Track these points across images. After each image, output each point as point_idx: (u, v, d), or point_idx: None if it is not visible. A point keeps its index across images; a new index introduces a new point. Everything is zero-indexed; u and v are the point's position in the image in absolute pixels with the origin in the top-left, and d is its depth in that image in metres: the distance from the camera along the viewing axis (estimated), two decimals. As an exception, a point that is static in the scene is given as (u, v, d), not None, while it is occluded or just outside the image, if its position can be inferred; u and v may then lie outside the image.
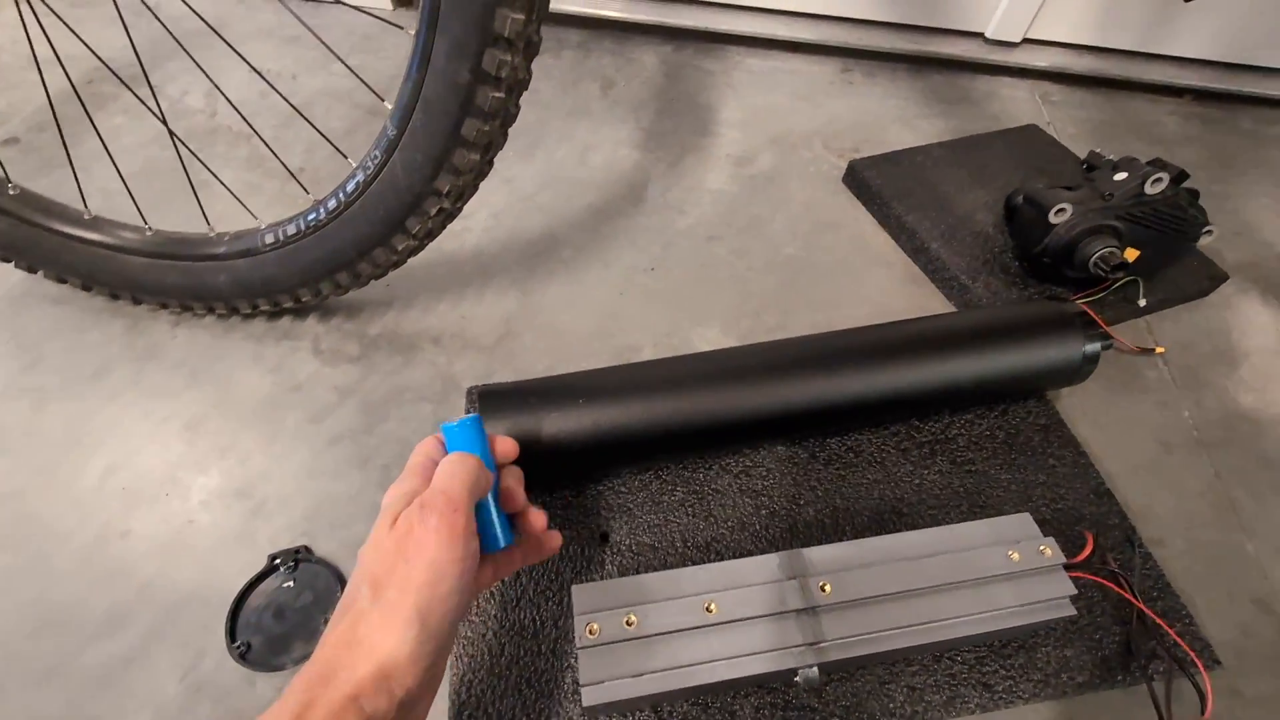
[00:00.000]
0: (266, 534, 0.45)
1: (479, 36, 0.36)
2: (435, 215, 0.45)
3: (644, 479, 0.46)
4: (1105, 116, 0.85)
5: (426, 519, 0.28)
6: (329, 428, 0.51)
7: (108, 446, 0.49)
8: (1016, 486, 0.47)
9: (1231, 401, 0.56)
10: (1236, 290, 0.65)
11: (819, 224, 0.69)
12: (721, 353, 0.47)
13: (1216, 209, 0.73)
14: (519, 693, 0.37)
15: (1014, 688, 0.38)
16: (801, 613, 0.33)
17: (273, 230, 0.50)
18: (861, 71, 0.90)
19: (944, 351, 0.46)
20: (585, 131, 0.78)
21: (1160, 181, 0.52)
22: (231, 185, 0.68)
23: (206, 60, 0.55)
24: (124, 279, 0.54)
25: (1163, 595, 0.42)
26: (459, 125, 0.40)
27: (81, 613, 0.42)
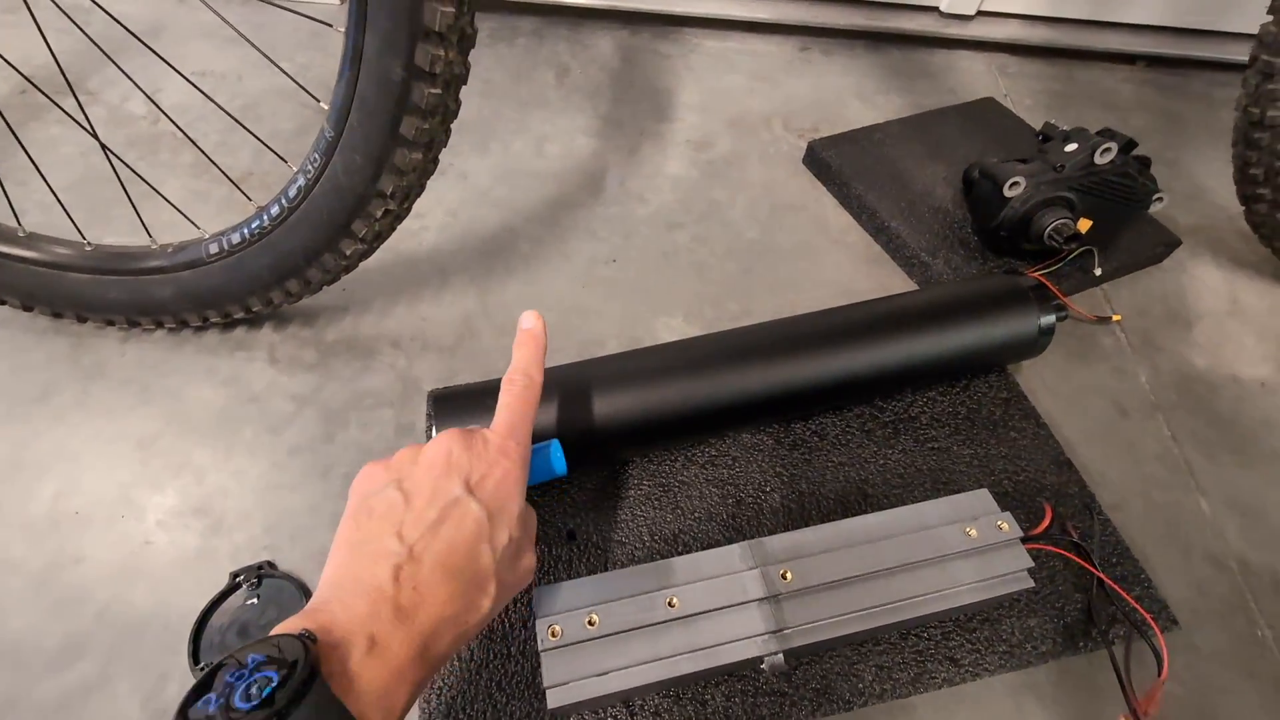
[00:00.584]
0: (227, 551, 0.44)
1: (409, 31, 0.34)
2: (382, 217, 0.44)
3: (609, 474, 0.46)
4: (1060, 86, 0.86)
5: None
6: (288, 438, 0.50)
7: (56, 470, 0.48)
8: (978, 461, 0.47)
9: (1185, 364, 0.57)
10: (1190, 254, 0.66)
11: (780, 206, 0.68)
12: (682, 343, 0.47)
13: (1169, 174, 0.74)
14: (490, 696, 0.36)
15: (980, 660, 0.38)
16: (763, 601, 0.33)
17: (216, 240, 0.48)
18: (820, 49, 0.89)
19: (903, 331, 0.46)
20: (541, 121, 0.76)
21: (1109, 151, 0.53)
22: (178, 192, 0.66)
23: (149, 63, 0.52)
24: (65, 297, 0.52)
25: (1122, 560, 0.43)
26: (397, 124, 0.38)
27: (36, 643, 0.41)
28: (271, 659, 0.22)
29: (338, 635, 0.24)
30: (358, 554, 0.27)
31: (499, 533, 0.28)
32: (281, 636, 0.23)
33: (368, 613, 0.25)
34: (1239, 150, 0.53)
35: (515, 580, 0.30)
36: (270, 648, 0.22)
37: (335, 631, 0.24)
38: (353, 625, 0.25)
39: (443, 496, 0.28)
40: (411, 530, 0.27)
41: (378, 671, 0.24)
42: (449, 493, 0.28)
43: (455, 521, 0.28)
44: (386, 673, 0.24)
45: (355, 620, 0.25)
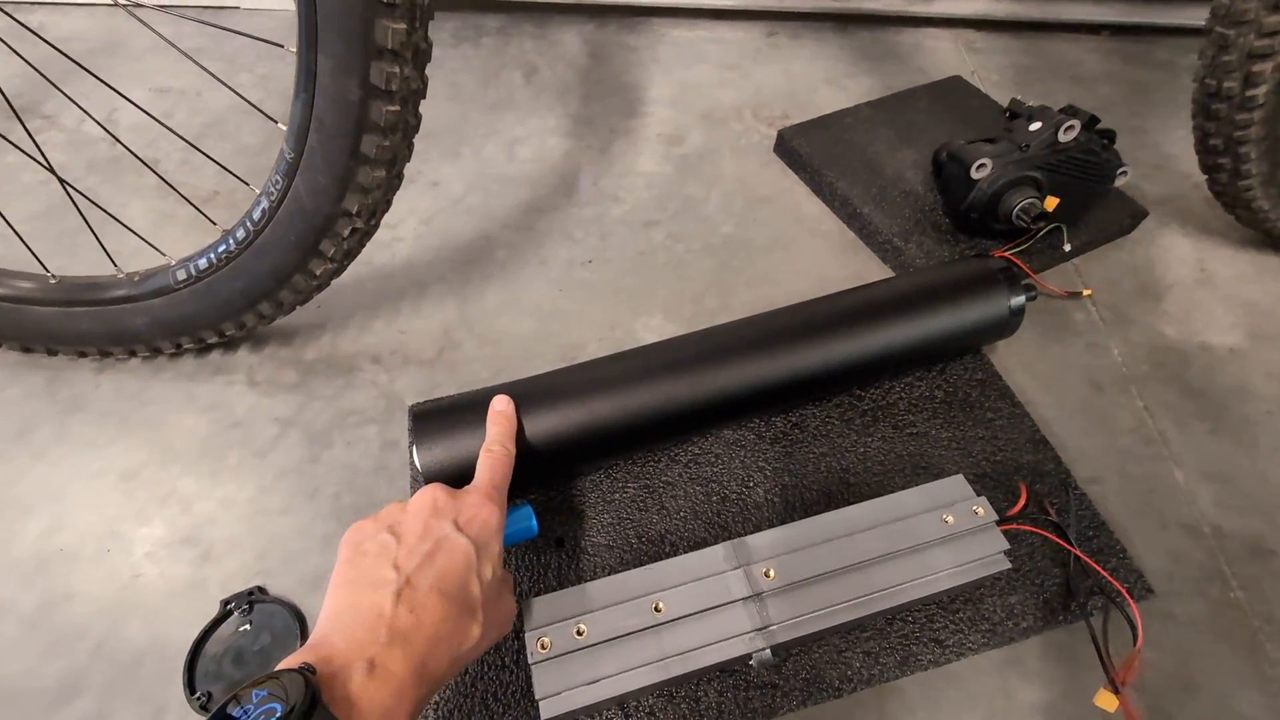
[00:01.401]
0: (218, 579, 0.45)
1: (362, 51, 0.34)
2: (350, 235, 0.44)
3: (594, 478, 0.46)
4: (1027, 60, 0.86)
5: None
6: (273, 461, 0.50)
7: (40, 508, 0.48)
8: (957, 444, 0.48)
9: (1156, 335, 0.58)
10: (1158, 224, 0.66)
11: (753, 199, 0.68)
12: (659, 345, 0.47)
13: (1135, 144, 0.75)
14: (486, 708, 0.37)
15: (964, 640, 0.39)
16: (748, 600, 0.34)
17: (184, 266, 0.48)
18: (787, 34, 0.89)
19: (877, 321, 0.47)
20: (511, 124, 0.76)
21: (1072, 129, 0.53)
22: (144, 214, 0.65)
23: (106, 81, 0.51)
24: (34, 331, 0.51)
25: (1098, 533, 0.44)
26: (357, 143, 0.38)
27: (32, 684, 0.41)
28: (274, 694, 0.23)
29: (338, 663, 0.25)
30: (355, 587, 0.28)
31: (485, 566, 0.30)
32: (283, 671, 0.24)
33: (367, 638, 0.26)
34: (1199, 122, 0.54)
35: (499, 618, 0.32)
36: (273, 683, 0.23)
37: (336, 660, 0.25)
38: (352, 651, 0.26)
39: (434, 532, 0.30)
40: (406, 561, 0.29)
41: (378, 693, 0.25)
42: (439, 529, 0.30)
43: (447, 552, 0.29)
44: (386, 693, 0.25)
45: (355, 646, 0.26)
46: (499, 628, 0.32)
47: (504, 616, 0.32)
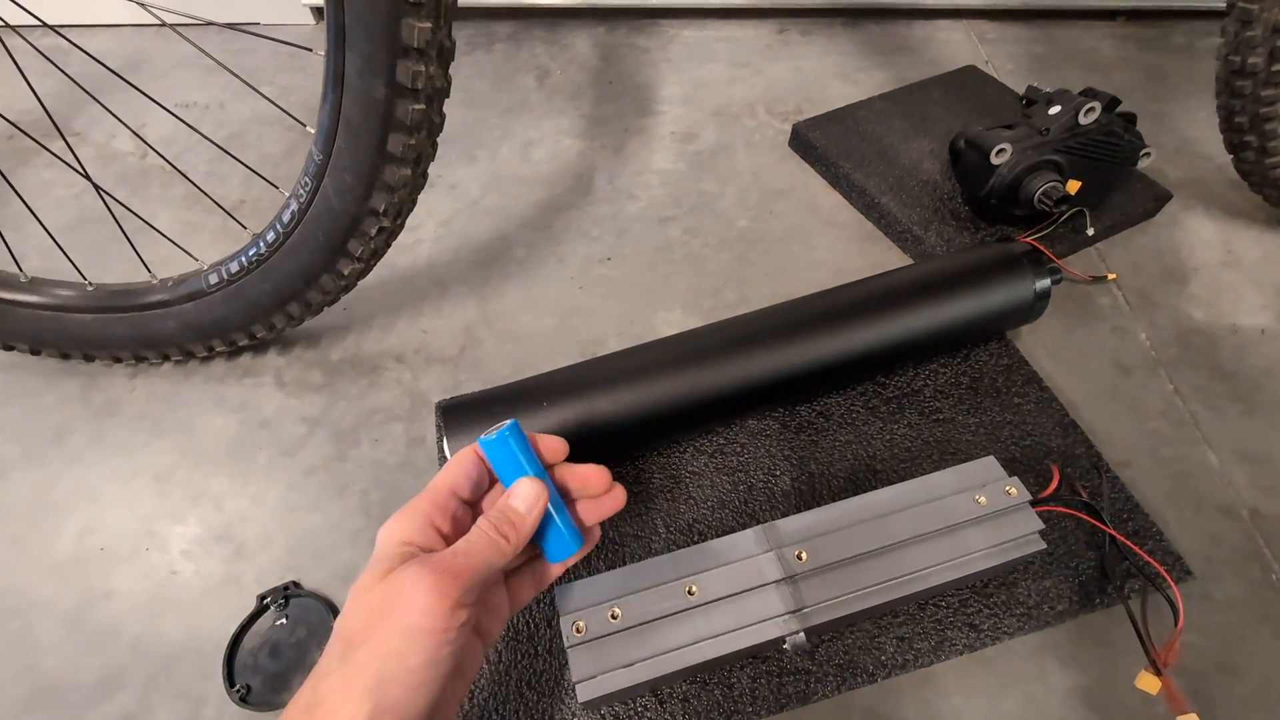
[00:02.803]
0: (252, 574, 0.45)
1: (388, 50, 0.35)
2: (376, 235, 0.45)
3: (621, 470, 0.46)
4: (1041, 48, 0.86)
5: (420, 579, 0.25)
6: (302, 460, 0.51)
7: (79, 509, 0.49)
8: (984, 429, 0.48)
9: (1184, 318, 0.57)
10: (1181, 207, 0.66)
11: (769, 192, 0.69)
12: (682, 336, 0.47)
13: (1156, 128, 0.74)
14: (521, 695, 0.37)
15: (999, 624, 0.39)
16: (780, 583, 0.34)
17: (215, 270, 0.49)
18: (798, 30, 0.89)
19: (900, 307, 0.47)
20: (525, 126, 0.76)
21: (1093, 111, 0.53)
22: (172, 224, 0.67)
23: (130, 98, 0.53)
24: (71, 338, 0.52)
25: (1133, 516, 0.43)
26: (384, 142, 0.39)
27: (75, 680, 0.42)
28: None
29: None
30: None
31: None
32: None
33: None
34: (1223, 100, 0.53)
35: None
36: None
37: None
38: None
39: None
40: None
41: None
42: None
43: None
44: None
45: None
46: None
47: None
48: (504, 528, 0.28)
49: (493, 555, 0.28)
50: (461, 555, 0.27)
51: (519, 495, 0.29)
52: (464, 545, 0.28)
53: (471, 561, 0.27)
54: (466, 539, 0.28)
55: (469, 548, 0.27)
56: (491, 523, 0.28)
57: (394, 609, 0.25)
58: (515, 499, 0.29)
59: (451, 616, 0.25)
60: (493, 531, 0.28)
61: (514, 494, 0.29)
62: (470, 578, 0.26)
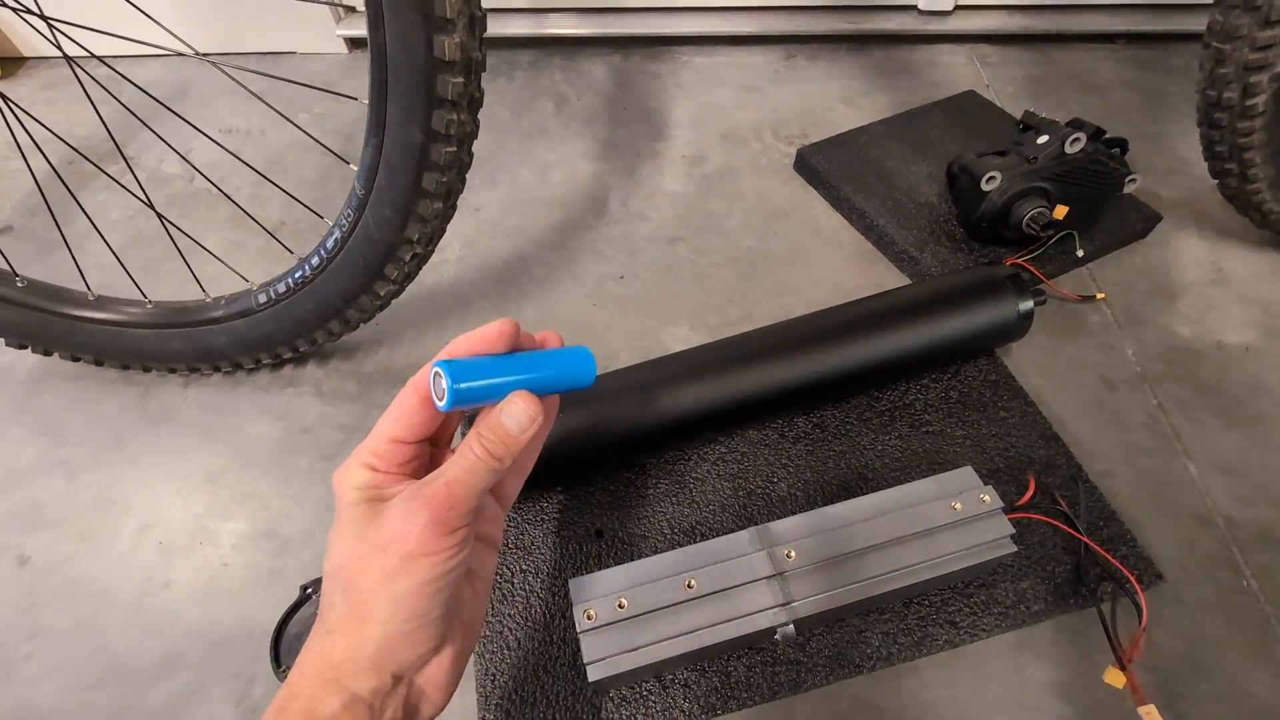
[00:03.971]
0: (295, 567, 0.50)
1: (425, 101, 0.39)
2: (410, 260, 0.49)
3: (630, 475, 0.50)
4: (1042, 72, 0.89)
5: (415, 515, 0.25)
6: (339, 464, 0.55)
7: (138, 507, 0.54)
8: (970, 441, 0.51)
9: (1171, 335, 0.60)
10: (1173, 227, 0.68)
11: (773, 213, 0.72)
12: (689, 352, 0.51)
13: (1151, 149, 0.76)
14: (537, 678, 0.41)
15: (977, 622, 0.42)
16: (771, 578, 0.37)
17: (265, 290, 0.54)
18: (804, 56, 0.93)
19: (892, 326, 0.50)
20: (543, 150, 0.81)
21: (1078, 141, 0.56)
22: (218, 245, 0.73)
23: (179, 125, 0.58)
24: (132, 351, 0.58)
25: (1109, 523, 0.46)
26: (419, 180, 0.43)
27: (138, 660, 0.46)
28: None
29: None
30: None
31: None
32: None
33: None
34: (1203, 130, 0.56)
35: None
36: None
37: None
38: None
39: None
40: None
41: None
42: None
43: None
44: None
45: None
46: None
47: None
48: (496, 449, 0.26)
49: (484, 476, 0.26)
50: (452, 483, 0.26)
51: (511, 415, 0.27)
52: (453, 471, 0.26)
53: (463, 488, 0.26)
54: (456, 463, 0.26)
55: (459, 473, 0.26)
56: (482, 444, 0.26)
57: (390, 542, 0.25)
58: (507, 418, 0.27)
59: (451, 537, 0.25)
60: (483, 453, 0.26)
61: (505, 411, 0.27)
62: (464, 503, 0.26)
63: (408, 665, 0.26)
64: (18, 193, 0.80)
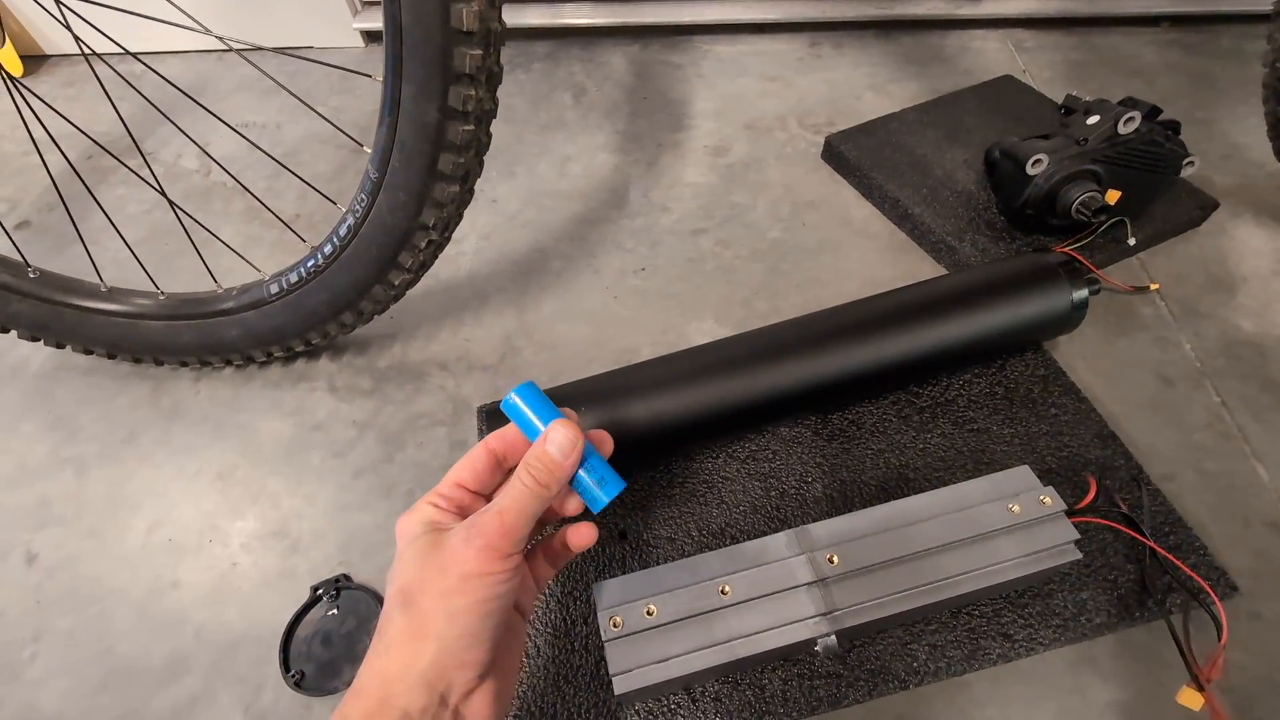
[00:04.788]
0: (306, 568, 0.48)
1: (441, 76, 0.37)
2: (425, 248, 0.47)
3: (654, 474, 0.48)
4: (1081, 56, 0.85)
5: (472, 540, 0.28)
6: (352, 461, 0.53)
7: (148, 504, 0.52)
8: (1019, 440, 0.47)
9: (1232, 329, 0.56)
10: (1229, 215, 0.64)
11: (801, 204, 0.69)
12: (716, 344, 0.49)
13: (1202, 135, 0.72)
14: (558, 689, 0.38)
15: (1034, 635, 0.39)
16: (812, 585, 0.35)
17: (276, 280, 0.52)
18: (830, 44, 0.90)
19: (933, 316, 0.47)
20: (562, 142, 0.79)
21: (1132, 120, 0.52)
22: (232, 238, 0.71)
23: (195, 120, 0.57)
24: (144, 343, 0.56)
25: (1175, 529, 0.43)
26: (435, 161, 0.41)
27: (145, 662, 0.45)
28: None
29: None
30: None
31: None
32: None
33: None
34: (1270, 107, 0.52)
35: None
36: None
37: None
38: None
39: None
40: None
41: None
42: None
43: None
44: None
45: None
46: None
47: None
48: (542, 476, 0.29)
49: (533, 504, 0.29)
50: (504, 511, 0.28)
51: (554, 442, 0.30)
52: (504, 501, 0.29)
53: (513, 515, 0.28)
54: (506, 493, 0.29)
55: (509, 502, 0.29)
56: (530, 473, 0.29)
57: (449, 564, 0.27)
58: (551, 445, 0.30)
59: (504, 561, 0.28)
60: (530, 481, 0.29)
61: (549, 440, 0.30)
62: (516, 530, 0.28)
63: (456, 687, 0.27)
64: (36, 188, 0.80)
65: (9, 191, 0.79)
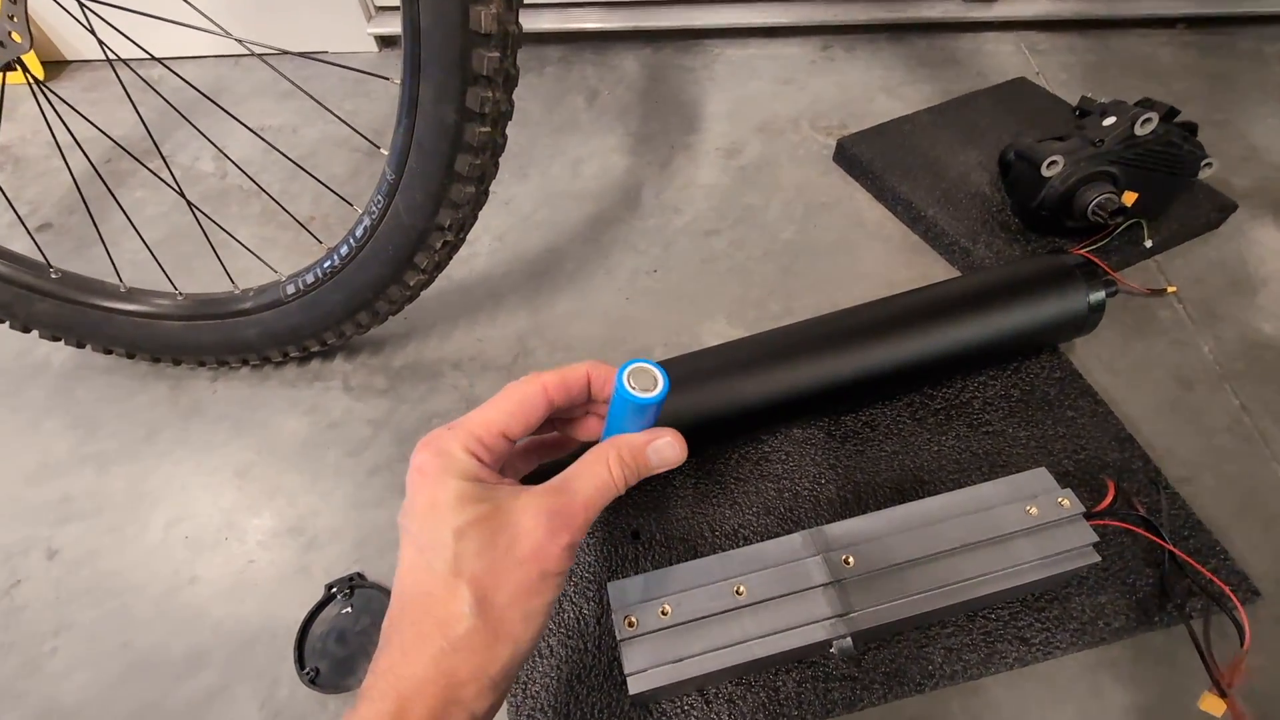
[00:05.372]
0: (321, 565, 0.48)
1: (460, 78, 0.38)
2: (441, 249, 0.48)
3: (668, 474, 0.47)
4: (1096, 58, 0.84)
5: (558, 535, 0.25)
6: (367, 460, 0.54)
7: (167, 501, 0.53)
8: (1036, 442, 0.47)
9: (1252, 331, 0.55)
10: (1248, 217, 0.63)
11: (813, 205, 0.69)
12: (728, 345, 0.49)
13: (1220, 136, 0.72)
14: (570, 688, 0.39)
15: (1050, 639, 0.39)
16: (828, 586, 0.34)
17: (293, 281, 0.53)
18: (842, 47, 0.90)
19: (948, 318, 0.47)
20: (575, 144, 0.79)
21: (1150, 122, 0.52)
22: (248, 240, 0.72)
23: (212, 124, 0.57)
24: (163, 343, 0.57)
25: (1194, 533, 0.42)
26: (452, 162, 0.42)
27: (164, 656, 0.45)
28: None
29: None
30: None
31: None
32: None
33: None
34: (1291, 107, 0.52)
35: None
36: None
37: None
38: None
39: None
40: None
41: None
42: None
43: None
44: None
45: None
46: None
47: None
48: (631, 475, 0.27)
49: (608, 498, 0.26)
50: (589, 505, 0.26)
51: (659, 451, 0.27)
52: (589, 489, 0.26)
53: (595, 510, 0.26)
54: (589, 478, 0.26)
55: (594, 493, 0.26)
56: (623, 469, 0.26)
57: (529, 557, 0.25)
58: (654, 454, 0.27)
59: (566, 558, 0.25)
60: (620, 475, 0.26)
61: (655, 447, 0.27)
62: (585, 519, 0.26)
63: (508, 690, 0.26)
64: (57, 191, 0.81)
65: (32, 194, 0.81)
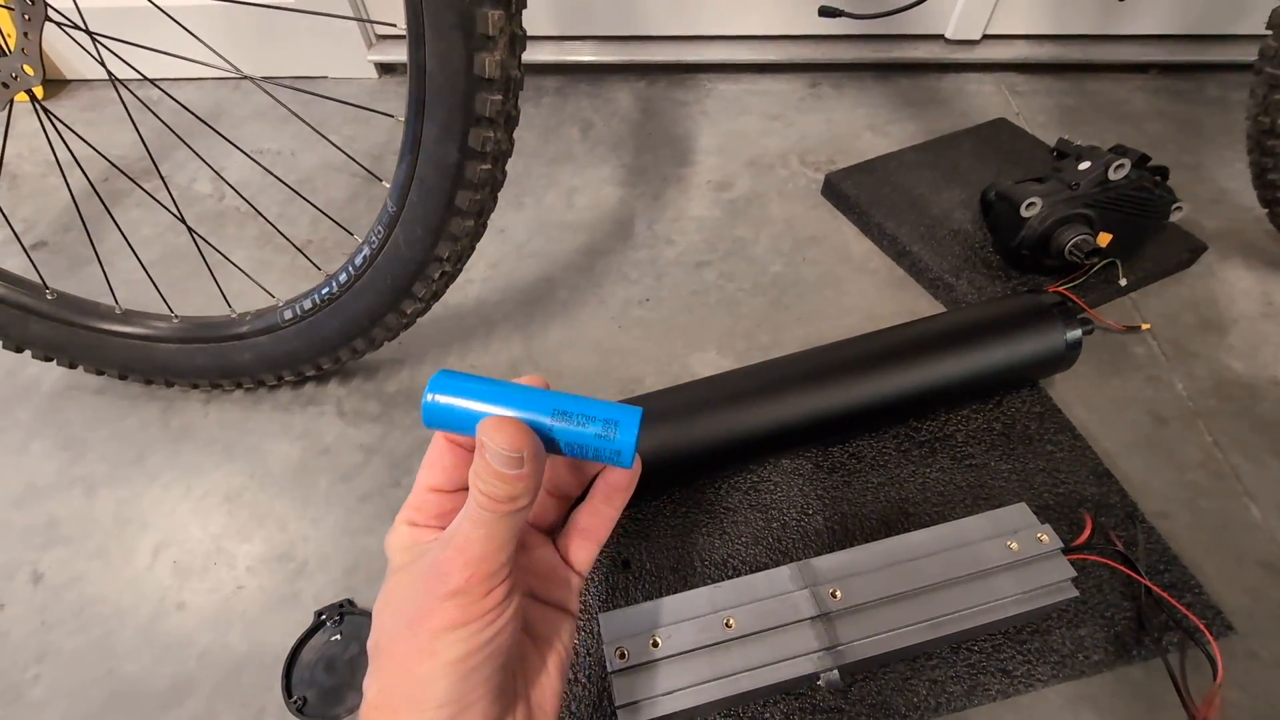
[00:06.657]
0: (311, 592, 0.48)
1: (463, 119, 0.39)
2: (438, 279, 0.48)
3: (658, 504, 0.48)
4: (1073, 101, 0.88)
5: (435, 587, 0.22)
6: (359, 486, 0.54)
7: (155, 525, 0.53)
8: (1017, 476, 0.48)
9: (1223, 369, 0.57)
10: (1218, 258, 0.66)
11: (801, 239, 0.71)
12: (718, 377, 0.50)
13: (1191, 179, 0.75)
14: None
15: (1032, 671, 0.39)
16: (815, 619, 0.35)
17: (290, 306, 0.53)
18: (830, 84, 0.93)
19: (932, 353, 0.48)
20: (569, 175, 0.81)
21: (1122, 167, 0.54)
22: (244, 263, 0.73)
23: (210, 146, 0.58)
24: (156, 366, 0.57)
25: (1170, 568, 0.43)
26: (452, 198, 0.43)
27: (148, 685, 0.45)
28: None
29: None
30: None
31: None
32: None
33: None
34: (1255, 158, 0.54)
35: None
36: None
37: None
38: None
39: None
40: None
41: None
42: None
43: None
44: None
45: None
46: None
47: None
48: (499, 492, 0.22)
49: (500, 527, 0.23)
50: (464, 546, 0.23)
51: (490, 450, 0.22)
52: (464, 528, 0.23)
53: (478, 547, 0.22)
54: (463, 518, 0.23)
55: (469, 530, 0.23)
56: (482, 491, 0.23)
57: (415, 618, 0.23)
58: (490, 455, 0.22)
59: (481, 604, 0.22)
60: (484, 500, 0.22)
61: (485, 450, 0.22)
62: (486, 564, 0.22)
63: None
64: (53, 209, 0.81)
65: (27, 212, 0.81)
